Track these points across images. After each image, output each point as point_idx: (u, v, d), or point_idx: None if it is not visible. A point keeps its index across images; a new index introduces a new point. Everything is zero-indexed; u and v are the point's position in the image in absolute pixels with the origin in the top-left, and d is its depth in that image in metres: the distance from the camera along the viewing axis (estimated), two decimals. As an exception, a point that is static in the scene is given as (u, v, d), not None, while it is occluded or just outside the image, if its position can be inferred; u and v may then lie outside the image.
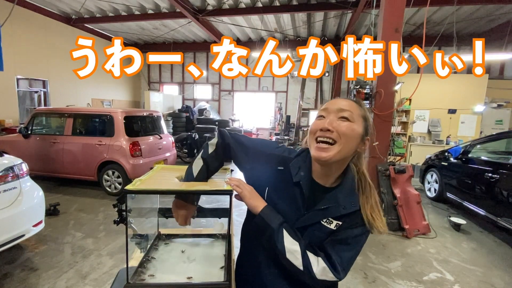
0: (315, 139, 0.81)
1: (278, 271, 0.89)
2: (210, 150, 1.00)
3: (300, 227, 0.85)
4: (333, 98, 0.88)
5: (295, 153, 0.93)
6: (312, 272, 0.78)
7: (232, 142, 0.98)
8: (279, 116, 11.35)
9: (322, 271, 0.78)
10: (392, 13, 3.77)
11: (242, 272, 1.00)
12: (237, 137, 1.01)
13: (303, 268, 0.78)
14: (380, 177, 3.95)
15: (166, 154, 5.63)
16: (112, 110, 4.92)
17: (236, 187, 0.86)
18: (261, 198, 0.87)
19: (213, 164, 1.00)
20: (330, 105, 0.84)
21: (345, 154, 0.81)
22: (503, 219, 3.43)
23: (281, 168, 0.90)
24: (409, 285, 2.68)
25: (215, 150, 1.00)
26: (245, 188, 0.87)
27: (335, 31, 9.84)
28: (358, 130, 0.81)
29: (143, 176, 1.00)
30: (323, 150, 0.79)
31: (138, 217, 1.03)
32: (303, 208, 0.85)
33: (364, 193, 0.86)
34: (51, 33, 8.74)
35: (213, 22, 9.14)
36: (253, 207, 0.85)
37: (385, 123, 3.97)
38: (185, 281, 0.91)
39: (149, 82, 13.35)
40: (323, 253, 0.81)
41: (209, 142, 1.02)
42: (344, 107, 0.82)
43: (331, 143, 0.79)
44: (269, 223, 0.82)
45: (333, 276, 0.79)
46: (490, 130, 7.85)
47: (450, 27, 8.12)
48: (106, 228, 3.65)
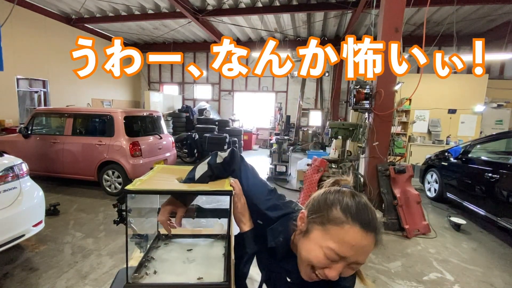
0: (311, 267, 0.68)
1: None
2: (218, 160, 0.97)
3: (268, 269, 0.85)
4: (361, 239, 0.62)
5: (279, 214, 0.84)
6: None
7: (237, 168, 0.95)
8: (279, 116, 11.35)
9: None
10: (392, 13, 3.78)
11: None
12: (243, 167, 0.96)
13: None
14: (380, 177, 3.95)
15: (166, 154, 5.63)
16: (112, 110, 4.92)
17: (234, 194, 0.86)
18: (250, 218, 0.87)
19: (218, 172, 1.00)
20: (352, 253, 0.63)
21: None
22: (503, 219, 3.43)
23: (260, 222, 0.87)
24: (409, 285, 2.68)
25: (221, 163, 0.97)
26: (240, 200, 0.86)
27: (335, 31, 9.84)
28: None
29: (143, 176, 1.00)
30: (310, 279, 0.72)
31: (138, 217, 1.03)
32: (273, 258, 0.83)
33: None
34: (51, 33, 8.75)
35: (213, 22, 9.15)
36: (239, 222, 0.86)
37: (385, 123, 3.97)
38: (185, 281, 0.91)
39: (149, 82, 13.36)
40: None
41: (219, 152, 0.99)
42: (360, 259, 0.64)
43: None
44: (246, 246, 0.83)
45: None
46: (490, 130, 7.86)
47: (450, 27, 8.13)
48: (106, 228, 3.65)
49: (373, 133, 3.98)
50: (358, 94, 4.04)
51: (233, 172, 0.96)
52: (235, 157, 0.96)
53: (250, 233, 0.84)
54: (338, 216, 0.64)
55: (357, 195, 0.68)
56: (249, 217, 0.87)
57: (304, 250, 0.69)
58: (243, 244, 0.83)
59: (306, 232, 0.70)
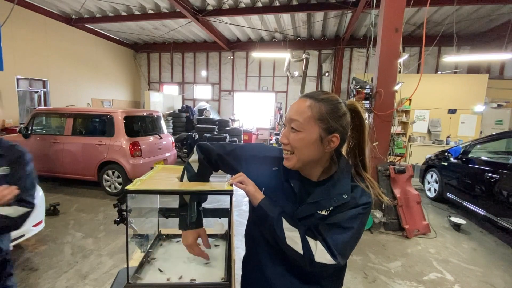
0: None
1: (282, 269, 0.91)
2: (194, 168, 0.99)
3: (297, 218, 0.88)
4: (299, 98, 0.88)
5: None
6: (312, 255, 0.79)
7: (223, 152, 0.98)
8: (279, 116, 11.34)
9: (320, 253, 0.80)
10: (392, 13, 3.77)
11: (247, 272, 1.02)
12: (223, 146, 1.01)
13: (304, 252, 0.80)
14: (380, 177, 3.95)
15: (166, 154, 5.63)
16: (112, 110, 4.92)
17: (240, 184, 0.88)
18: (261, 192, 0.90)
19: (206, 170, 1.02)
20: (288, 114, 0.86)
21: (307, 159, 0.84)
22: (503, 219, 3.43)
23: (275, 168, 0.93)
24: (409, 285, 2.68)
25: (200, 168, 0.99)
26: (250, 183, 0.89)
27: (335, 31, 9.84)
28: (309, 138, 0.82)
29: (143, 176, 1.00)
30: (286, 159, 0.87)
31: (138, 217, 1.03)
32: (297, 202, 0.89)
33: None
34: (51, 33, 8.74)
35: (213, 22, 9.14)
36: (253, 199, 0.88)
37: (385, 123, 3.97)
38: (185, 281, 0.91)
39: (149, 82, 13.34)
40: (321, 236, 0.83)
41: (189, 160, 0.99)
42: (293, 116, 0.83)
43: (292, 152, 0.85)
44: (269, 212, 0.84)
45: (331, 259, 0.79)
46: (490, 130, 7.86)
47: (450, 27, 8.12)
48: (106, 228, 3.65)
49: (373, 133, 3.98)
50: (358, 94, 4.04)
51: (221, 158, 0.99)
52: (208, 148, 1.00)
53: (265, 200, 0.87)
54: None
55: (327, 93, 0.87)
56: (261, 192, 0.90)
57: None
58: (266, 214, 0.85)
59: None
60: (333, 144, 0.83)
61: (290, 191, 0.90)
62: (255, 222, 0.93)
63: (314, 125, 0.81)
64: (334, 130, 0.82)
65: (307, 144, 0.82)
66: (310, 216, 0.87)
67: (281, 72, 11.12)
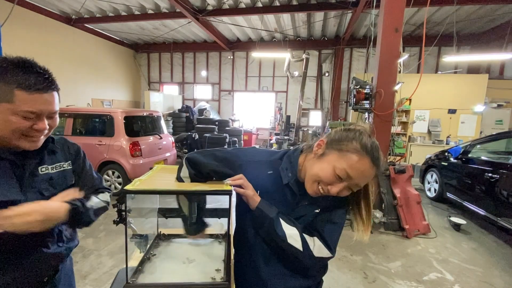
0: (318, 183, 0.84)
1: (277, 268, 0.93)
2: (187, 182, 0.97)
3: (292, 218, 0.92)
4: (363, 164, 0.81)
5: (280, 154, 0.99)
6: (310, 252, 0.86)
7: (215, 164, 0.94)
8: (279, 116, 11.34)
9: (318, 248, 0.87)
10: (392, 13, 3.77)
11: (239, 275, 1.01)
12: (214, 155, 0.96)
13: (303, 249, 0.85)
14: (380, 177, 3.95)
15: (166, 154, 5.63)
16: (112, 110, 4.92)
17: (239, 188, 0.89)
18: (257, 195, 0.93)
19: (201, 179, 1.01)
20: (352, 173, 0.80)
21: None
22: (503, 219, 3.43)
23: (270, 172, 0.95)
24: (409, 285, 2.68)
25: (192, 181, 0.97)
26: (249, 187, 0.91)
27: (335, 31, 9.84)
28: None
29: (143, 176, 1.00)
30: (315, 193, 0.87)
31: (138, 217, 1.03)
32: (293, 204, 0.93)
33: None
34: (51, 33, 8.73)
35: (213, 22, 9.14)
36: (251, 202, 0.90)
37: (385, 123, 3.97)
38: (185, 281, 0.91)
39: (149, 82, 13.35)
40: (317, 233, 0.89)
41: (180, 175, 0.96)
42: (360, 182, 0.82)
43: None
44: (268, 213, 0.87)
45: (328, 253, 0.87)
46: (490, 130, 7.85)
47: (450, 27, 8.12)
48: (106, 228, 3.65)
49: (373, 133, 3.97)
50: (358, 94, 4.04)
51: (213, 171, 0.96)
52: (198, 160, 0.94)
53: (262, 202, 0.90)
54: (356, 148, 0.81)
55: (372, 137, 0.85)
56: (257, 195, 0.92)
57: (316, 168, 0.85)
58: (265, 215, 0.88)
59: (321, 155, 0.86)
60: None
61: (287, 194, 0.93)
62: (253, 224, 0.94)
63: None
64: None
65: None
66: (304, 215, 0.93)
67: (281, 72, 11.12)
